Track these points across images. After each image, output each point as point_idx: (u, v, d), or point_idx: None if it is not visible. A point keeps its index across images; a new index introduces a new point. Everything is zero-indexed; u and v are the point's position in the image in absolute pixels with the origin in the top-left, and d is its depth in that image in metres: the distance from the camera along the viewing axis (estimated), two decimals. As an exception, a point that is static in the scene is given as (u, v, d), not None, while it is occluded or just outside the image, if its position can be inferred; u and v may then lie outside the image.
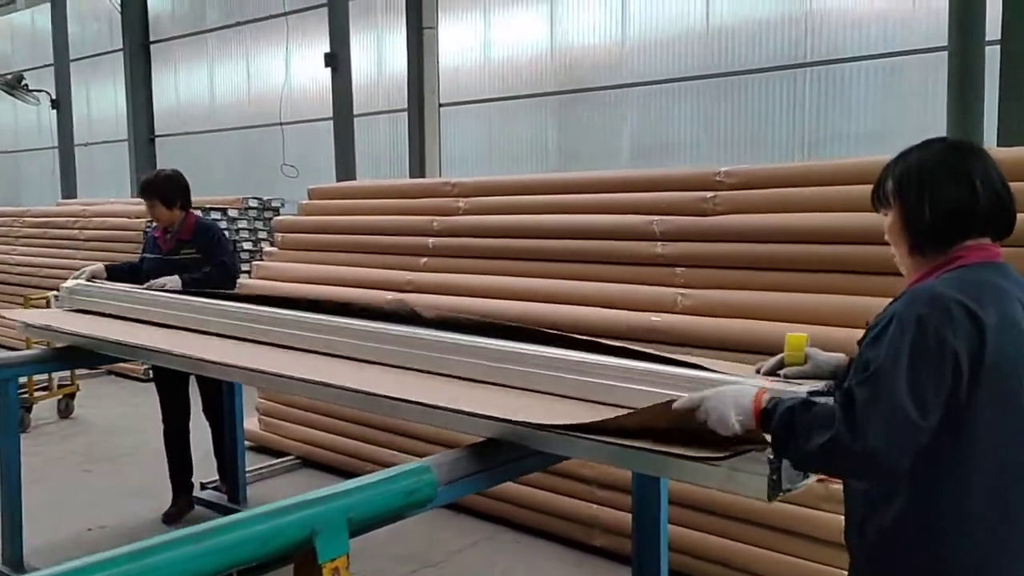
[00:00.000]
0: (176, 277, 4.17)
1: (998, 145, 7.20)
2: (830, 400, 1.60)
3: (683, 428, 1.78)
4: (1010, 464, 1.56)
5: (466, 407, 2.21)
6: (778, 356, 2.05)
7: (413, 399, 2.33)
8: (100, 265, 4.43)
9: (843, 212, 3.59)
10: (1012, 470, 1.56)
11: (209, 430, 4.85)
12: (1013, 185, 1.70)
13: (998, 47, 7.53)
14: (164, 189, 4.48)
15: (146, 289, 4.05)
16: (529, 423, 2.05)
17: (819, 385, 1.91)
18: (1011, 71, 7.66)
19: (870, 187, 1.77)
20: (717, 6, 9.76)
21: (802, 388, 1.87)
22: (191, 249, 4.47)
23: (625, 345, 2.47)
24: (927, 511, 1.58)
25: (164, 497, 4.71)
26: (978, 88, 6.44)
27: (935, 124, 7.94)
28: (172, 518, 4.60)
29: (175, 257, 4.45)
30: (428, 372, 2.62)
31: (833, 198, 3.69)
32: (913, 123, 8.53)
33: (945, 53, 7.14)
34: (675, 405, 1.76)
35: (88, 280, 4.25)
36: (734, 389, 1.69)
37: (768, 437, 1.63)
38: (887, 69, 8.69)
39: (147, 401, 5.85)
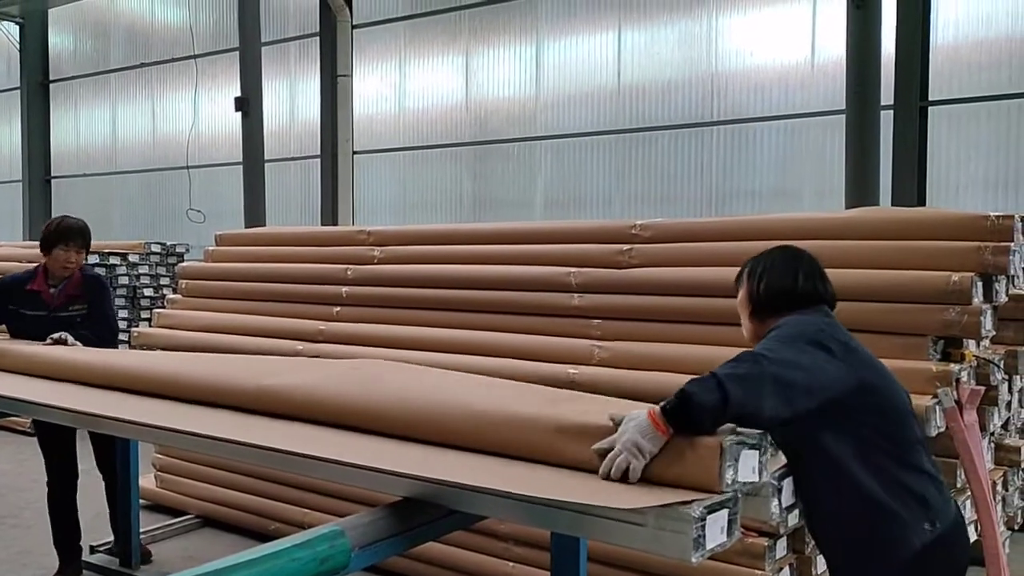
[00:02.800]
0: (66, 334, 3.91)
1: (892, 204, 7.58)
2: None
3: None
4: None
5: (379, 463, 2.11)
6: None
7: (323, 456, 2.22)
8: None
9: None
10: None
11: (102, 486, 4.54)
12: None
13: (892, 112, 7.99)
14: (88, 238, 4.25)
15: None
16: (456, 483, 1.97)
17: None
18: (903, 134, 8.11)
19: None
20: (628, 65, 10.04)
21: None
22: (81, 305, 4.21)
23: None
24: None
25: (50, 563, 4.38)
26: (873, 150, 6.77)
27: (833, 181, 8.31)
28: (57, 586, 4.29)
29: (63, 314, 4.15)
30: (340, 426, 2.51)
31: (747, 252, 3.73)
32: (813, 180, 8.90)
33: (842, 116, 7.49)
34: (594, 447, 1.90)
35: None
36: (632, 421, 1.85)
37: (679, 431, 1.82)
38: (788, 130, 9.06)
39: (33, 457, 5.48)
